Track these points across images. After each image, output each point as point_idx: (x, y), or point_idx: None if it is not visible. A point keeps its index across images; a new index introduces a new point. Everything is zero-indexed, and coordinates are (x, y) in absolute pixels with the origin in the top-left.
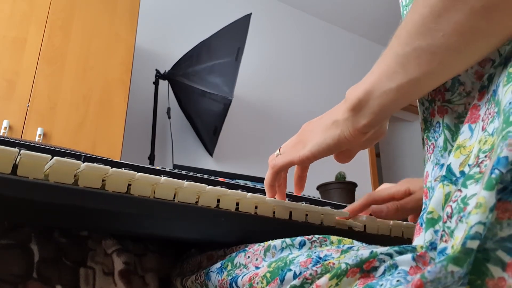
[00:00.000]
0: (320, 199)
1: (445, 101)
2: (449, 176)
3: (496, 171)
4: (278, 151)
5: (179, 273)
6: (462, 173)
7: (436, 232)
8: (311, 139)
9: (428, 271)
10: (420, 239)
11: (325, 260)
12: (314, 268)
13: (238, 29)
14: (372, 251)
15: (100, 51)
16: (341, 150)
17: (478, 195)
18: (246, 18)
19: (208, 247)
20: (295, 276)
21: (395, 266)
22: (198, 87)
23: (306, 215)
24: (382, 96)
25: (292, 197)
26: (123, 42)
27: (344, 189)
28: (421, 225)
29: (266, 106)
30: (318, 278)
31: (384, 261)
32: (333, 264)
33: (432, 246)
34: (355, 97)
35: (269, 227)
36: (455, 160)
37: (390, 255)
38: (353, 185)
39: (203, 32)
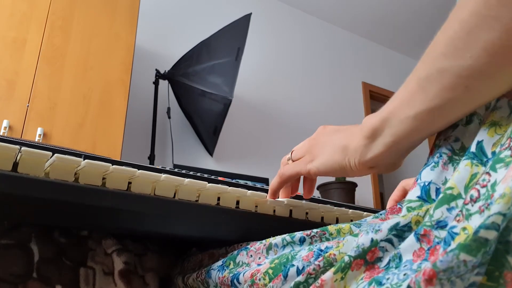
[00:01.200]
0: (320, 199)
1: None
2: (480, 155)
3: None
4: (290, 155)
5: (180, 272)
6: (494, 154)
7: (449, 209)
8: (320, 155)
9: (440, 260)
10: (413, 193)
11: (326, 252)
12: (317, 262)
13: (238, 29)
14: (372, 239)
15: (100, 51)
16: (344, 176)
17: (506, 184)
18: (246, 18)
19: (208, 246)
20: (298, 271)
21: (398, 256)
22: (198, 87)
23: (307, 213)
24: (397, 126)
25: (293, 197)
26: (123, 42)
27: (344, 189)
28: (417, 180)
29: (266, 106)
30: (322, 273)
31: (386, 250)
32: (334, 255)
33: (439, 225)
34: (370, 124)
35: (269, 225)
36: (488, 138)
37: (391, 241)
38: (353, 185)
39: (203, 32)
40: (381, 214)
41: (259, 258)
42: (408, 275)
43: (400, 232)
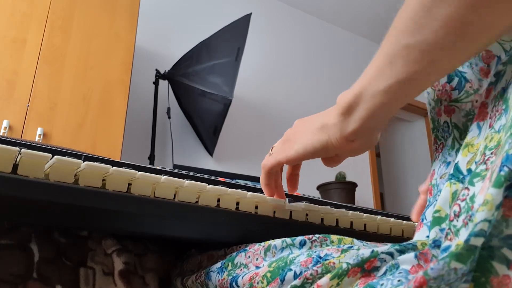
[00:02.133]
0: (320, 199)
1: (452, 101)
2: (457, 175)
3: (505, 168)
4: (270, 151)
5: (179, 273)
6: (469, 171)
7: (441, 230)
8: (299, 140)
9: (431, 268)
10: (421, 234)
11: (326, 260)
12: (315, 268)
13: (238, 29)
14: (373, 250)
15: (100, 51)
16: (329, 156)
17: (485, 192)
18: (246, 18)
19: (208, 247)
20: (295, 276)
21: (396, 266)
22: (198, 87)
23: (307, 214)
24: (370, 100)
25: (292, 197)
26: (123, 42)
27: (344, 189)
28: (422, 220)
29: (266, 106)
30: (319, 278)
31: (385, 261)
32: (334, 263)
33: (436, 244)
34: (344, 101)
35: (269, 227)
36: (462, 158)
37: (391, 254)
38: (353, 185)
39: (203, 32)
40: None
41: (257, 259)
42: (402, 282)
43: (403, 248)
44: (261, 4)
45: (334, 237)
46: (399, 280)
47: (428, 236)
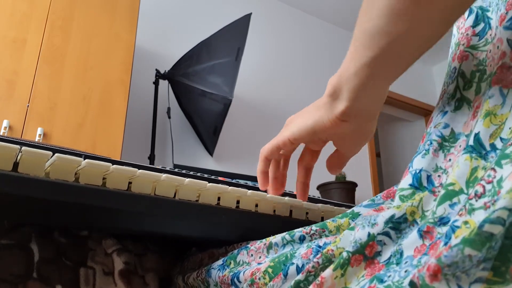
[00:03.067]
0: (320, 199)
1: (469, 47)
2: (478, 148)
3: None
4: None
5: (180, 271)
6: (493, 146)
7: (451, 206)
8: (294, 122)
9: (444, 255)
10: (405, 182)
11: (324, 248)
12: (315, 259)
13: (238, 29)
14: (369, 233)
15: (100, 51)
16: (321, 136)
17: None
18: (246, 18)
19: (209, 245)
20: (298, 269)
21: (400, 252)
22: (198, 87)
23: (307, 213)
24: (349, 82)
25: (292, 196)
26: (123, 42)
27: (344, 189)
28: (409, 168)
29: (266, 106)
30: (322, 270)
31: (384, 243)
32: (332, 250)
33: (442, 221)
34: (330, 84)
35: (269, 225)
36: (484, 130)
37: (388, 235)
38: (353, 185)
39: (203, 32)
40: (376, 199)
41: (260, 257)
42: (409, 272)
43: (396, 225)
44: (261, 4)
45: (331, 225)
46: (406, 271)
47: (411, 184)
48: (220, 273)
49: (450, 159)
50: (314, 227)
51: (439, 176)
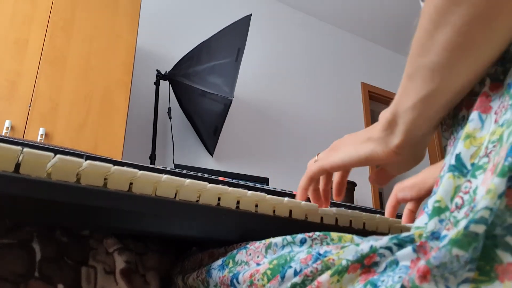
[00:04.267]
0: None
1: (473, 94)
2: (460, 167)
3: (510, 159)
4: (316, 157)
5: (180, 271)
6: (473, 165)
7: (441, 221)
8: (344, 149)
9: (433, 256)
10: (421, 221)
11: (325, 256)
12: (315, 265)
13: (239, 30)
14: (371, 246)
15: (101, 52)
16: (371, 164)
17: (488, 183)
18: (246, 19)
19: (209, 245)
20: (295, 273)
21: (395, 262)
22: (199, 87)
23: (306, 214)
24: (403, 116)
25: (292, 196)
26: (124, 42)
27: None
28: (424, 208)
29: (266, 106)
30: (319, 275)
31: (384, 256)
32: (333, 260)
33: (434, 236)
34: (385, 118)
35: (269, 225)
36: (465, 150)
37: (390, 249)
38: (353, 185)
39: (204, 33)
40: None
41: (258, 257)
42: (403, 278)
43: (401, 242)
44: (262, 5)
45: (334, 235)
46: (399, 277)
47: (427, 223)
48: (220, 273)
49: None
50: (317, 233)
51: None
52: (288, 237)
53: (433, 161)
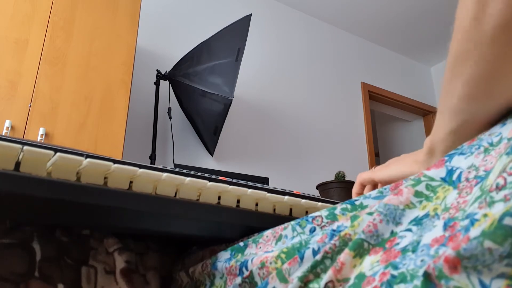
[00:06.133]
0: (320, 198)
1: None
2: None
3: None
4: (373, 168)
5: (181, 268)
6: None
7: (477, 199)
8: (395, 167)
9: (463, 248)
10: (437, 173)
11: (340, 231)
12: (332, 242)
13: (239, 30)
14: (392, 231)
15: (101, 52)
16: None
17: None
18: (247, 19)
19: (209, 244)
20: (314, 252)
21: (418, 242)
22: (199, 87)
23: (307, 212)
24: (441, 144)
25: (292, 196)
26: (124, 42)
27: (343, 188)
28: (446, 162)
29: (266, 106)
30: (338, 253)
31: (405, 236)
32: (349, 235)
33: (465, 215)
34: (427, 146)
35: (269, 223)
36: None
37: (410, 230)
38: (352, 184)
39: (204, 33)
40: (385, 191)
41: (267, 247)
42: (425, 261)
43: (419, 222)
44: (262, 5)
45: (342, 217)
46: (422, 260)
47: (443, 178)
48: (227, 264)
49: (486, 160)
50: (325, 218)
51: (469, 172)
52: (298, 228)
53: None
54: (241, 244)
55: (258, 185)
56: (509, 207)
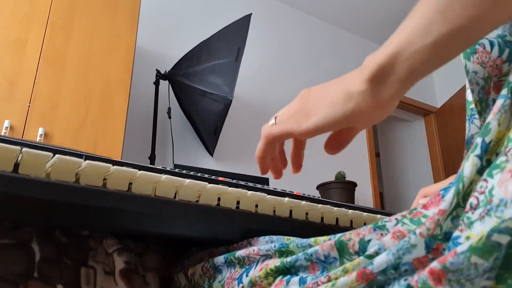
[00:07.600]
0: (320, 199)
1: (503, 75)
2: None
3: None
4: (273, 120)
5: (180, 269)
6: (489, 162)
7: (452, 220)
8: (317, 111)
9: (450, 262)
10: (434, 210)
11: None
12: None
13: (238, 30)
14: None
15: (100, 51)
16: (351, 125)
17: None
18: (246, 19)
19: (209, 245)
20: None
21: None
22: (199, 87)
23: (307, 213)
24: (412, 57)
25: (292, 196)
26: (124, 42)
27: (344, 188)
28: (443, 197)
29: (266, 106)
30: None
31: (390, 274)
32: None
33: (446, 236)
34: (376, 64)
35: (269, 225)
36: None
37: (396, 267)
38: (353, 185)
39: (204, 32)
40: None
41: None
42: (408, 279)
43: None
44: (262, 5)
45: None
46: (405, 279)
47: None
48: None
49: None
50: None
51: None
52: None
53: (436, 173)
54: (240, 251)
55: (258, 185)
56: (498, 224)
